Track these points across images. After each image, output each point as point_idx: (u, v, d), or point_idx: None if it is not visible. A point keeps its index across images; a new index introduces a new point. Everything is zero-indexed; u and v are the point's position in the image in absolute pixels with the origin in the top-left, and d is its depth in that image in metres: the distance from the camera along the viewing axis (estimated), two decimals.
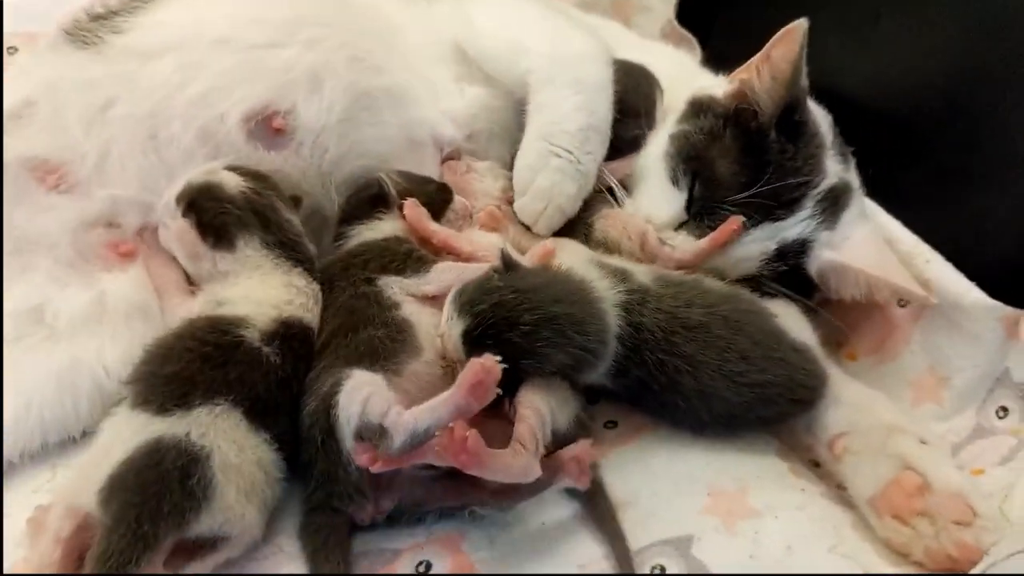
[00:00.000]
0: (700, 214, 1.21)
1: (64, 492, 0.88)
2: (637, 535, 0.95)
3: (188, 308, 1.07)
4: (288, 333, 1.02)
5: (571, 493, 1.00)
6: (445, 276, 1.09)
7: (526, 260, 1.11)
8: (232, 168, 1.13)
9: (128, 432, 0.88)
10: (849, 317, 1.26)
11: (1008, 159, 1.14)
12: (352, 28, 1.30)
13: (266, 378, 0.98)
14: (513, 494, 0.95)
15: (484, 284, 1.00)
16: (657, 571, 0.92)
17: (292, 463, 0.97)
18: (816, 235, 1.20)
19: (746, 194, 1.17)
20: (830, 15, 1.41)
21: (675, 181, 1.23)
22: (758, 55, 1.22)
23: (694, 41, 1.78)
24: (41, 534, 0.86)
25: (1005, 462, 1.04)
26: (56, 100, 1.17)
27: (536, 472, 0.90)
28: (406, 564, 0.93)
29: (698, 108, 1.28)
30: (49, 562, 0.83)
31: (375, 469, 0.85)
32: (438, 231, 1.18)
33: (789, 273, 1.20)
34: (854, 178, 1.27)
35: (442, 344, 1.00)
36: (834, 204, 1.21)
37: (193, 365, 0.94)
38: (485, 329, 0.95)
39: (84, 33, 1.23)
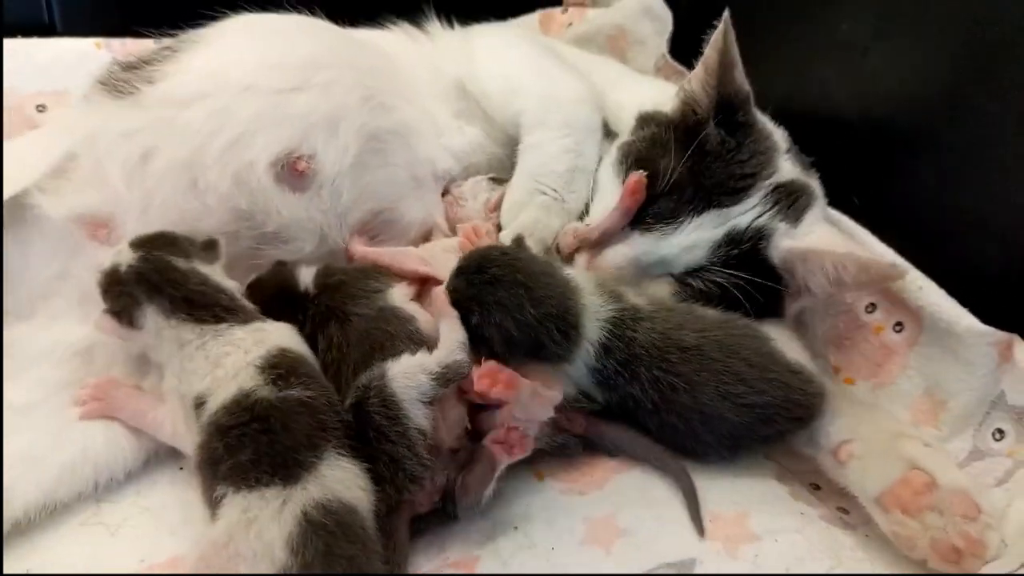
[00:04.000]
0: (643, 210, 1.23)
1: (197, 571, 0.88)
2: (641, 559, 1.00)
3: (170, 413, 1.10)
4: (286, 366, 1.04)
5: None
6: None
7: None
8: (134, 241, 1.12)
9: (269, 511, 0.89)
10: (846, 342, 1.30)
11: (994, 187, 1.17)
12: (362, 67, 1.36)
13: (323, 412, 1.00)
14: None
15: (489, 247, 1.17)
16: None
17: None
18: (773, 225, 1.21)
19: (672, 177, 1.20)
20: (822, 48, 1.46)
21: (622, 183, 1.26)
22: None
23: (687, 74, 1.76)
24: None
25: (1000, 483, 1.07)
26: (96, 152, 1.20)
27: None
28: None
29: (644, 121, 1.34)
30: None
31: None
32: (381, 254, 1.27)
33: (754, 268, 1.20)
34: (817, 187, 1.29)
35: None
36: (791, 199, 1.23)
37: (260, 440, 0.95)
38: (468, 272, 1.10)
39: (120, 83, 1.26)
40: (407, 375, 1.00)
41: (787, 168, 1.26)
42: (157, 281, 1.09)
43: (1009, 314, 1.13)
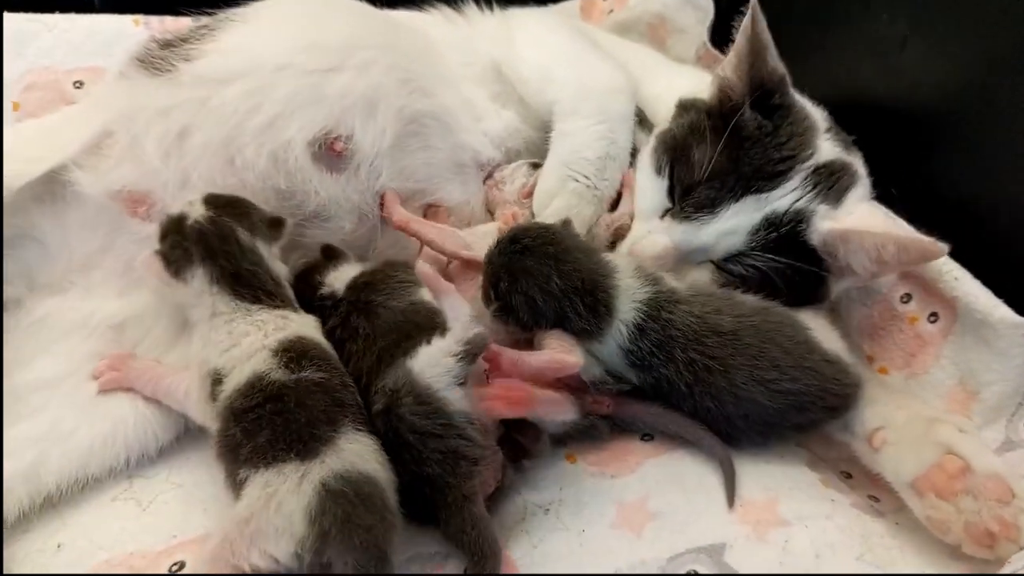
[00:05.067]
0: (682, 198, 1.24)
1: (219, 551, 0.88)
2: (672, 542, 1.00)
3: (186, 378, 1.12)
4: (298, 350, 1.05)
5: None
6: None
7: None
8: (208, 198, 1.16)
9: (288, 484, 0.91)
10: (881, 332, 1.30)
11: None
12: (400, 49, 1.36)
13: (339, 391, 1.02)
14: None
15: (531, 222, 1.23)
16: None
17: None
18: (813, 207, 1.20)
19: (710, 165, 1.20)
20: (860, 39, 1.45)
21: (659, 171, 1.28)
22: None
23: None
24: None
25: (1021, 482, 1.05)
26: (133, 129, 1.21)
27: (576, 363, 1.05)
28: (455, 566, 1.00)
29: (684, 107, 1.33)
30: None
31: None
32: (425, 227, 1.28)
33: (794, 252, 1.20)
34: (859, 165, 1.28)
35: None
36: (832, 180, 1.22)
37: (275, 422, 0.96)
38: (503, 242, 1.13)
39: (157, 61, 1.26)
40: (433, 364, 1.00)
41: (827, 149, 1.25)
42: (216, 248, 1.11)
43: None
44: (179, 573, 1.00)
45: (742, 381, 1.08)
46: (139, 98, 1.24)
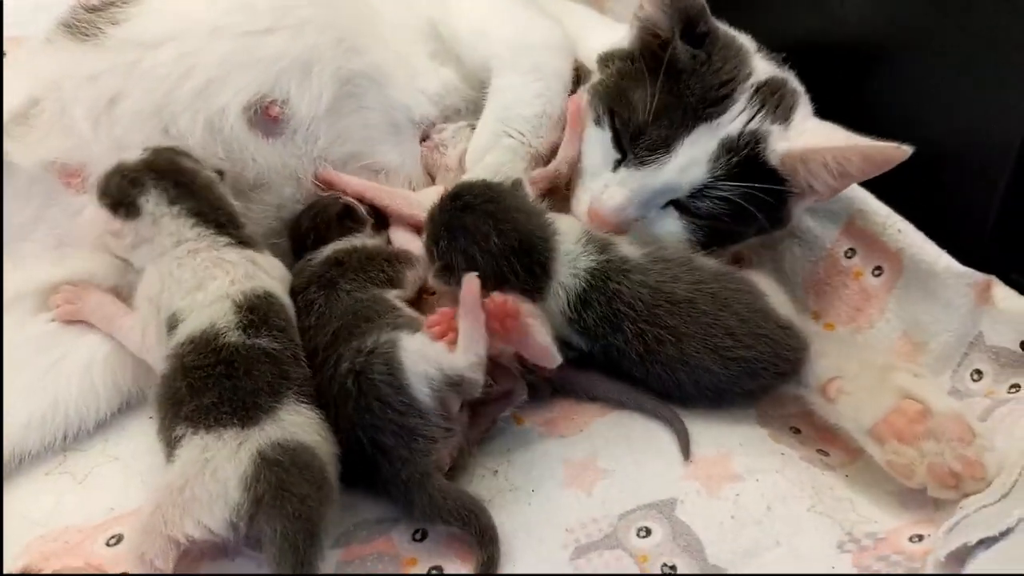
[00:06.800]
0: (632, 143, 1.20)
1: (152, 522, 0.86)
2: (623, 500, 1.00)
3: (138, 323, 1.09)
4: (261, 314, 1.03)
5: None
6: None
7: None
8: (146, 148, 1.13)
9: (226, 451, 0.89)
10: (826, 288, 1.30)
11: (976, 134, 1.17)
12: (334, 8, 1.32)
13: (288, 364, 1.00)
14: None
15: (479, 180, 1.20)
16: (643, 534, 0.96)
17: None
18: (766, 127, 1.17)
19: (654, 104, 1.17)
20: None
21: (598, 122, 1.25)
22: None
23: None
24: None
25: (979, 422, 1.05)
26: (61, 97, 1.17)
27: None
28: (403, 530, 0.98)
29: (605, 60, 1.30)
30: None
31: None
32: (353, 183, 1.28)
33: (756, 175, 1.17)
34: (796, 82, 1.25)
35: None
36: (777, 97, 1.20)
37: (223, 384, 0.95)
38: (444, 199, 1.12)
39: (83, 25, 1.22)
40: (424, 357, 0.96)
41: (763, 67, 1.23)
42: (165, 168, 1.10)
43: (986, 257, 1.14)
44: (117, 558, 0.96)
45: (694, 351, 1.07)
46: (66, 64, 1.20)
